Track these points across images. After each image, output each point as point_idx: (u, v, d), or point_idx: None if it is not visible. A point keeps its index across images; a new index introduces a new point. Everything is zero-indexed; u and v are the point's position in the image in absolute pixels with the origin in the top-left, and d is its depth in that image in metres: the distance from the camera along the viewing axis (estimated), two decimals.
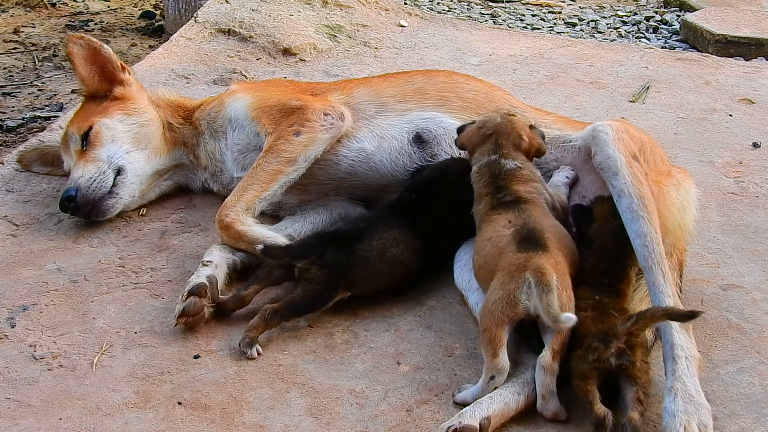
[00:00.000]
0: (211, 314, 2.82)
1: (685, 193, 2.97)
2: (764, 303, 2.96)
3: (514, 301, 2.44)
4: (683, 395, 2.35)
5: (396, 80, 3.53)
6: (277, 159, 3.19)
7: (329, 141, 3.25)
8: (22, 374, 2.61)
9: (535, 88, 4.85)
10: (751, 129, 4.36)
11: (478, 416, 2.33)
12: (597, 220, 2.80)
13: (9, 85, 5.27)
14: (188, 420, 2.43)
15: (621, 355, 2.36)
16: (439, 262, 3.05)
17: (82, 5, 7.01)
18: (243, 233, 3.05)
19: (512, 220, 2.68)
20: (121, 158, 3.42)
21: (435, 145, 3.26)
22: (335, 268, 2.78)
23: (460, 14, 7.02)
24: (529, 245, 2.55)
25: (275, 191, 3.19)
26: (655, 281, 2.60)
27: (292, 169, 3.19)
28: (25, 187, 3.66)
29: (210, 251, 3.06)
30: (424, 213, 2.99)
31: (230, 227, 3.06)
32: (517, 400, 2.42)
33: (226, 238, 3.08)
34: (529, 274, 2.45)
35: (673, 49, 5.97)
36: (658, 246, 2.64)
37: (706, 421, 2.32)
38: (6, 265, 3.15)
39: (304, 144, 3.21)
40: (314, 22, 5.54)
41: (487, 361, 2.45)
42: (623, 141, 2.88)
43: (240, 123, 3.42)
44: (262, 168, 3.18)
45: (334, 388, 2.56)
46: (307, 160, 3.22)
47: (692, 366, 2.45)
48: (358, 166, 3.29)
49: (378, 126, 3.32)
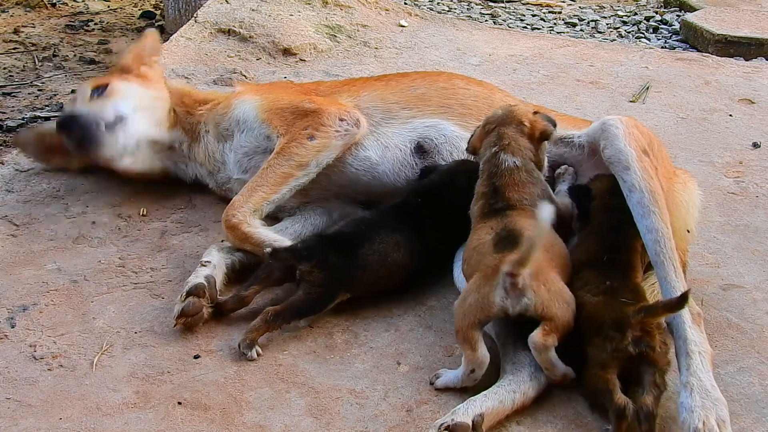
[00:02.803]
0: (210, 314, 2.81)
1: (690, 194, 2.97)
2: (764, 303, 2.96)
3: (489, 303, 2.43)
4: (700, 390, 2.34)
5: (398, 85, 3.50)
6: (289, 162, 3.15)
7: (343, 148, 3.23)
8: (22, 374, 2.61)
9: (535, 88, 4.85)
10: (751, 129, 4.36)
11: (471, 413, 2.32)
12: (596, 198, 2.81)
13: (9, 85, 5.27)
14: (188, 420, 2.43)
15: (639, 342, 2.35)
16: (440, 263, 3.05)
17: (82, 5, 7.01)
18: (250, 235, 3.04)
19: (494, 226, 2.67)
20: (126, 111, 3.46)
21: (435, 154, 3.26)
22: (336, 271, 2.78)
23: (460, 14, 7.02)
24: (505, 245, 2.53)
25: (284, 195, 3.16)
26: (667, 276, 2.59)
27: (303, 174, 3.16)
28: (25, 187, 3.66)
29: (209, 251, 3.05)
30: (428, 217, 2.99)
31: (237, 228, 3.05)
32: (512, 399, 2.41)
33: (232, 238, 3.07)
34: (502, 275, 2.42)
35: (673, 49, 5.97)
36: (669, 241, 2.63)
37: (724, 415, 2.31)
38: (6, 265, 3.16)
39: (318, 149, 3.17)
40: (314, 22, 5.55)
41: (466, 355, 2.46)
42: (633, 135, 2.87)
43: (249, 125, 3.37)
44: (273, 170, 3.15)
45: (334, 388, 2.56)
46: (319, 165, 3.18)
47: (706, 361, 2.44)
48: (362, 174, 3.28)
49: (383, 134, 3.31)
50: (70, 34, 6.29)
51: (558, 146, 3.18)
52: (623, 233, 2.71)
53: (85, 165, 3.63)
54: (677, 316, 2.50)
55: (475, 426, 2.30)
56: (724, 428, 2.28)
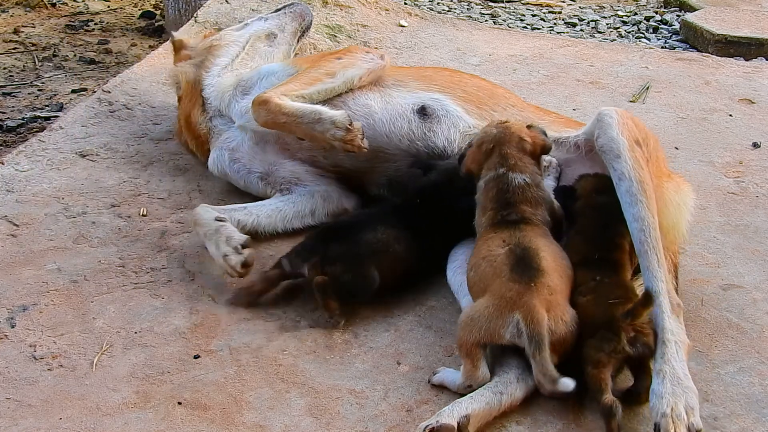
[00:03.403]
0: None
1: (683, 196, 2.97)
2: (764, 303, 2.96)
3: (499, 336, 2.42)
4: (671, 378, 2.37)
5: (408, 69, 3.71)
6: (318, 71, 3.32)
7: (367, 72, 3.36)
8: (22, 374, 2.61)
9: (535, 88, 4.85)
10: (751, 129, 4.36)
11: (456, 415, 2.32)
12: (581, 198, 2.82)
13: (9, 85, 5.27)
14: (188, 420, 2.43)
15: (634, 342, 2.38)
16: (437, 264, 3.04)
17: (82, 5, 7.01)
18: (282, 106, 3.12)
19: (506, 239, 2.64)
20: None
21: (435, 122, 3.28)
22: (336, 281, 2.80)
23: (460, 14, 7.02)
24: (522, 270, 2.49)
25: (312, 94, 3.25)
26: (650, 266, 2.60)
27: (330, 81, 3.29)
28: (25, 187, 3.66)
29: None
30: (426, 218, 2.97)
31: (269, 101, 3.13)
32: (499, 401, 2.41)
33: (263, 113, 3.13)
34: (518, 315, 2.40)
35: (673, 49, 5.97)
36: (654, 231, 2.64)
37: (693, 403, 2.33)
38: (6, 265, 3.15)
39: (344, 65, 3.34)
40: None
41: (466, 370, 2.45)
42: (627, 126, 2.88)
43: (272, 70, 3.50)
44: (303, 74, 3.31)
45: (334, 388, 2.56)
46: (345, 77, 3.31)
47: (681, 350, 2.46)
48: (358, 118, 3.26)
49: (390, 95, 3.39)
50: (70, 34, 6.29)
51: (556, 146, 3.17)
52: (611, 232, 2.71)
53: None
54: (657, 306, 2.52)
55: (461, 428, 2.29)
56: (692, 415, 2.30)
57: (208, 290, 3.01)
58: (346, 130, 3.05)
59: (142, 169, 3.83)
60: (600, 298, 2.50)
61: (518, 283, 2.46)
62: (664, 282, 2.58)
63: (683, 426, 2.26)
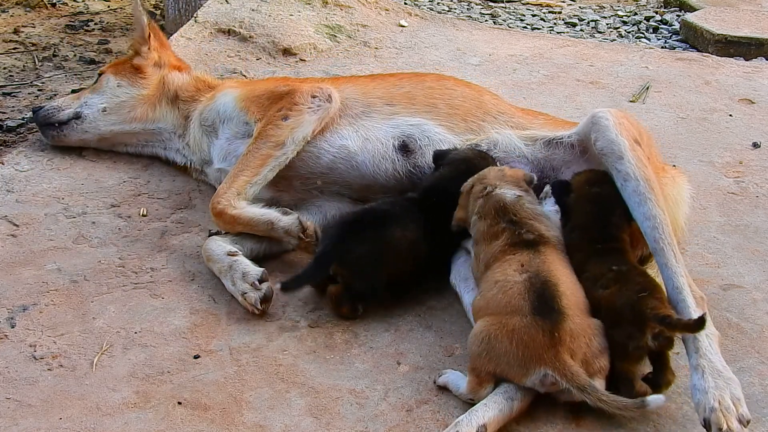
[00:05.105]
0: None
1: (679, 189, 2.98)
2: (764, 303, 2.96)
3: (518, 379, 2.39)
4: (711, 371, 2.36)
5: (383, 82, 3.52)
6: (266, 144, 3.24)
7: (317, 122, 3.29)
8: (22, 374, 2.61)
9: (535, 88, 4.85)
10: (751, 129, 4.36)
11: (474, 424, 2.33)
12: (574, 191, 2.82)
13: (9, 85, 5.27)
14: (188, 420, 2.43)
15: (658, 337, 2.38)
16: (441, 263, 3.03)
17: (82, 5, 7.01)
18: (237, 216, 3.11)
19: (525, 263, 2.52)
20: (90, 108, 3.83)
21: (419, 156, 3.24)
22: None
23: (460, 14, 7.02)
24: (544, 311, 2.37)
25: (265, 175, 3.22)
26: (668, 262, 2.60)
27: (281, 153, 3.23)
28: (25, 187, 3.66)
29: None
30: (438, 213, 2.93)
31: (223, 213, 3.11)
32: (510, 407, 2.40)
33: (221, 224, 3.14)
34: (549, 370, 2.33)
35: (673, 49, 5.97)
36: (667, 227, 2.65)
37: (738, 394, 2.32)
38: (6, 265, 3.15)
39: (292, 127, 3.25)
40: (314, 22, 5.54)
41: (471, 387, 2.44)
42: (624, 126, 2.89)
43: (228, 114, 3.49)
44: (252, 154, 3.24)
45: (334, 388, 2.56)
46: (295, 142, 3.25)
47: (714, 343, 2.46)
48: (339, 162, 3.28)
49: (363, 126, 3.33)
50: (70, 34, 6.29)
51: (549, 148, 3.17)
52: (607, 224, 2.71)
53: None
54: (681, 302, 2.52)
55: None
56: (740, 406, 2.29)
57: (208, 290, 3.01)
58: (299, 238, 3.07)
59: (142, 169, 3.83)
60: (623, 288, 2.47)
61: (541, 332, 2.35)
62: (684, 276, 2.58)
63: (734, 418, 2.25)
